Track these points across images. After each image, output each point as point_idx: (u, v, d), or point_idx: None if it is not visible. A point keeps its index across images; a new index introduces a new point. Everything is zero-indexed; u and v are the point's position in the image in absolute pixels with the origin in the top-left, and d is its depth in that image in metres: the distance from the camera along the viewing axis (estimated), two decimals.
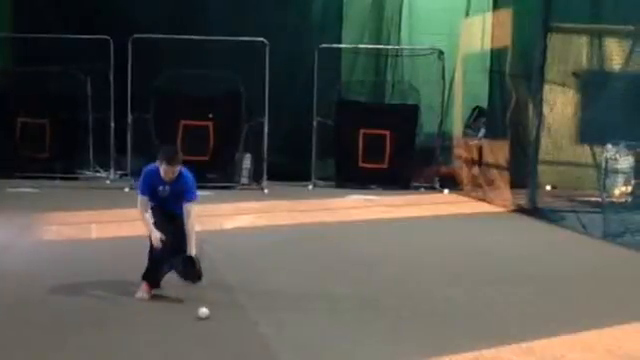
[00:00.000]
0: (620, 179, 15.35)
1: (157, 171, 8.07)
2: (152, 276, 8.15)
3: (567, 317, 7.99)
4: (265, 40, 16.90)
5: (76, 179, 17.65)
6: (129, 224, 12.81)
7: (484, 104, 18.68)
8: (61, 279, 8.93)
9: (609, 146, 14.99)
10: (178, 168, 8.04)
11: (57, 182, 16.91)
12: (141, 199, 8.12)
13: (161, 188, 8.08)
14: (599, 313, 8.17)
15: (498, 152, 16.62)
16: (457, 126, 18.78)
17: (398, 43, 19.45)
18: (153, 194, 8.13)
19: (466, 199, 16.86)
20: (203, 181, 16.86)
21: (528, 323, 7.74)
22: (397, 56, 19.60)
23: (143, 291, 8.10)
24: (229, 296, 8.04)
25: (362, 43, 19.36)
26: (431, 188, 17.96)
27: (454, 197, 17.20)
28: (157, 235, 7.96)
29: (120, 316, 7.62)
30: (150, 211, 8.15)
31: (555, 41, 15.12)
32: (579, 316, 8.03)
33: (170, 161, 7.97)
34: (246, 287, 8.14)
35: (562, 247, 12.21)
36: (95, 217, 13.22)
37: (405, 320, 7.75)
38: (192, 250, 7.94)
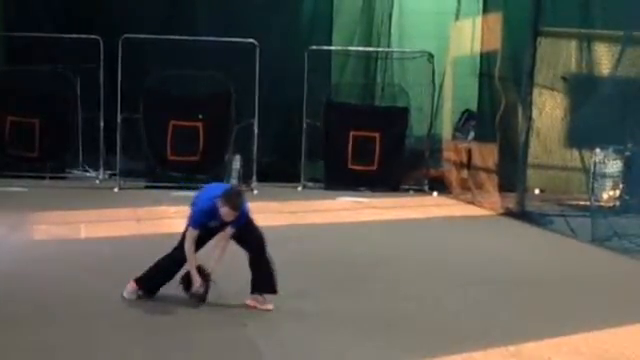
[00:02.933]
0: (608, 183, 15.41)
1: (215, 207, 7.67)
2: (148, 284, 8.05)
3: (555, 320, 8.02)
4: (255, 41, 16.91)
5: (65, 179, 17.62)
6: (118, 224, 12.87)
7: (474, 107, 18.73)
8: (50, 278, 8.93)
9: (597, 150, 15.03)
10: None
11: (46, 182, 16.89)
12: (191, 233, 7.80)
13: (213, 223, 7.81)
14: (587, 316, 8.20)
15: (487, 155, 16.67)
16: (446, 129, 18.81)
17: (388, 46, 19.49)
18: (202, 227, 7.85)
19: (455, 202, 16.90)
20: (192, 182, 16.95)
21: (516, 326, 7.77)
22: (387, 59, 19.62)
23: (131, 290, 8.04)
24: (217, 296, 8.03)
25: (352, 45, 19.38)
26: (420, 190, 18.00)
27: (443, 200, 17.24)
28: (198, 281, 7.78)
29: (106, 315, 7.62)
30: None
31: (544, 45, 15.15)
32: (567, 319, 8.06)
33: (236, 207, 7.65)
34: (234, 289, 8.13)
35: (550, 251, 12.25)
36: (84, 217, 13.19)
37: (394, 322, 7.77)
38: (212, 266, 7.88)
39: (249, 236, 7.92)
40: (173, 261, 7.95)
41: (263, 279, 7.87)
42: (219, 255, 7.90)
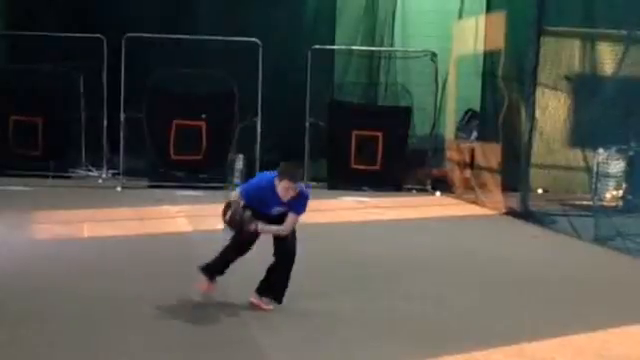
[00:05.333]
0: (611, 183, 15.40)
1: (272, 188, 7.44)
2: (216, 269, 7.88)
3: (558, 320, 8.01)
4: (258, 40, 16.92)
5: (68, 178, 17.61)
6: (121, 223, 12.87)
7: (477, 107, 18.70)
8: (52, 277, 8.95)
9: (600, 150, 15.03)
10: (299, 185, 7.54)
11: (49, 181, 16.88)
12: (237, 195, 7.61)
13: (275, 209, 7.58)
14: (590, 316, 8.20)
15: (490, 155, 16.65)
16: (449, 128, 18.80)
17: (391, 45, 19.48)
18: (259, 208, 7.56)
19: (458, 202, 16.89)
20: (195, 181, 16.99)
21: (519, 325, 7.76)
22: (390, 58, 19.61)
23: (206, 289, 7.90)
24: (220, 297, 8.03)
25: (355, 45, 19.37)
26: (423, 190, 17.98)
27: (446, 199, 17.23)
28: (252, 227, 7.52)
29: (107, 314, 7.62)
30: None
31: (548, 44, 15.15)
32: (569, 319, 8.05)
33: (293, 177, 7.39)
34: (237, 288, 8.13)
35: (553, 250, 12.24)
36: (87, 216, 13.20)
37: (396, 322, 7.76)
38: (266, 229, 7.58)
39: (285, 244, 7.72)
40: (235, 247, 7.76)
41: (276, 288, 7.79)
42: (274, 228, 7.61)
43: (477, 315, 8.15)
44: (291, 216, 7.57)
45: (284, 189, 7.40)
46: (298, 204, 7.56)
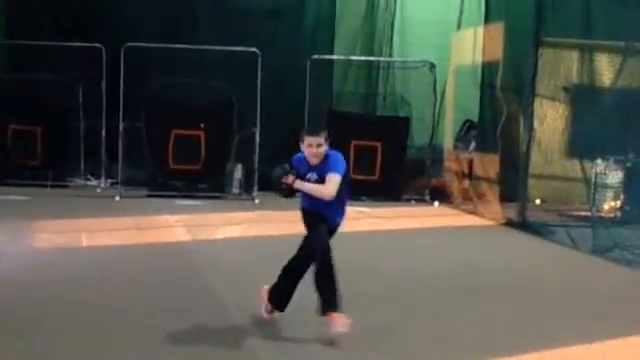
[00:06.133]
0: (609, 194, 15.41)
1: (303, 156, 7.25)
2: (276, 297, 7.54)
3: (555, 331, 8.01)
4: (257, 50, 16.94)
5: (67, 187, 17.63)
6: (119, 232, 12.87)
7: (475, 117, 18.72)
8: (51, 286, 8.95)
9: (598, 161, 15.05)
10: (322, 141, 7.16)
11: (48, 190, 16.90)
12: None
13: (309, 175, 7.26)
14: (587, 328, 8.19)
15: (488, 165, 16.67)
16: (448, 139, 18.83)
17: (390, 55, 19.51)
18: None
19: (456, 212, 16.90)
20: (194, 190, 17.01)
21: (516, 337, 7.76)
22: (389, 68, 19.64)
23: (263, 305, 7.60)
24: (217, 307, 8.03)
25: (354, 55, 19.39)
26: (422, 200, 18.00)
27: (444, 210, 17.24)
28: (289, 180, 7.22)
29: (105, 323, 7.62)
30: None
31: (546, 55, 15.19)
32: (567, 331, 8.05)
33: (312, 131, 7.14)
34: (235, 298, 8.14)
35: (551, 261, 12.25)
36: (86, 225, 13.22)
37: (394, 332, 7.76)
38: (304, 186, 7.24)
39: (305, 240, 7.40)
40: (299, 263, 7.38)
41: (322, 297, 7.29)
42: (314, 186, 7.26)
43: (475, 325, 8.12)
44: (330, 176, 7.17)
45: (309, 147, 7.13)
46: (331, 164, 7.20)
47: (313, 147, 7.13)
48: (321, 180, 7.20)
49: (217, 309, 8.06)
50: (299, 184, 7.23)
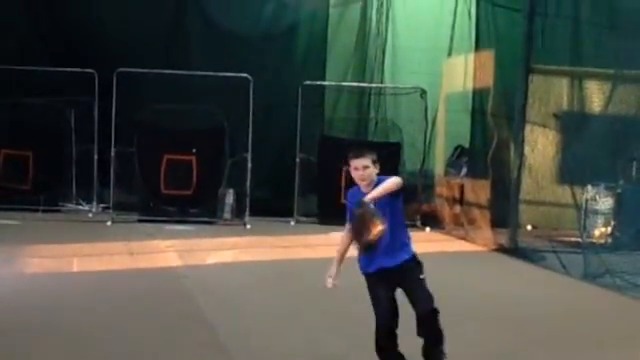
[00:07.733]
0: (600, 220, 15.46)
1: (357, 189, 6.84)
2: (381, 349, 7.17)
3: (544, 358, 8.01)
4: (249, 76, 17.01)
5: (58, 212, 17.60)
6: (111, 258, 12.85)
7: (466, 143, 18.80)
8: (42, 311, 8.92)
9: (589, 187, 15.12)
10: (369, 162, 6.72)
11: (39, 215, 16.87)
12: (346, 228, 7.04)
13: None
14: (578, 353, 8.20)
15: (480, 191, 16.72)
16: (439, 164, 18.89)
17: (381, 81, 19.59)
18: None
19: (447, 237, 16.92)
20: (186, 215, 17.01)
21: None
22: (380, 94, 19.71)
23: None
24: (208, 334, 8.02)
25: (346, 81, 19.48)
26: (413, 226, 17.97)
27: (435, 235, 17.25)
28: (329, 274, 7.12)
29: (96, 350, 7.59)
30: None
31: (536, 82, 15.28)
32: (558, 356, 8.06)
33: (356, 153, 6.72)
34: (226, 325, 8.13)
35: (542, 287, 12.25)
36: (77, 250, 13.19)
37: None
38: (377, 191, 6.65)
39: (416, 294, 7.19)
40: (376, 343, 7.17)
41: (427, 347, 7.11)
42: (382, 186, 6.72)
43: (464, 353, 8.10)
44: (388, 181, 6.74)
45: (355, 171, 6.74)
46: (382, 181, 6.75)
47: (359, 170, 6.72)
48: (377, 206, 6.69)
49: (209, 335, 8.04)
50: (371, 194, 6.67)
